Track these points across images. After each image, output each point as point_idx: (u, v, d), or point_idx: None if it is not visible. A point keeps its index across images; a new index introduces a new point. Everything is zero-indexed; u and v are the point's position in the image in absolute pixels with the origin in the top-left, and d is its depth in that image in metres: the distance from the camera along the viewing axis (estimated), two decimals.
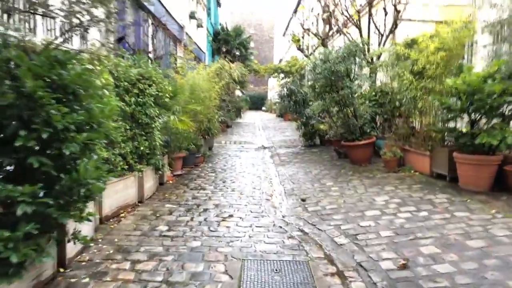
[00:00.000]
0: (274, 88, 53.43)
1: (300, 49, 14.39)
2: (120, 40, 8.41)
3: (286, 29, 51.94)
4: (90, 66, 3.57)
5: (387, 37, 10.67)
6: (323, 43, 12.44)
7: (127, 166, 5.79)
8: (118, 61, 5.78)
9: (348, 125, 8.78)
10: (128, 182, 5.81)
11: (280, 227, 5.11)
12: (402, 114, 8.65)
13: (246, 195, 6.85)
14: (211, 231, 4.94)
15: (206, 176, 8.44)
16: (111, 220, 5.31)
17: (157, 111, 6.41)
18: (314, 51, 15.57)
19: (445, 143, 7.01)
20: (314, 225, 5.13)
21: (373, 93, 9.67)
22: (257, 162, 10.44)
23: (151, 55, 10.59)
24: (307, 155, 11.09)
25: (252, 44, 32.00)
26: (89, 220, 3.35)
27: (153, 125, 6.32)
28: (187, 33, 15.04)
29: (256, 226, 5.13)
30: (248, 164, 10.16)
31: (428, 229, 4.66)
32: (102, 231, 4.87)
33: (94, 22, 3.84)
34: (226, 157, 11.37)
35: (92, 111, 3.04)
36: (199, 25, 19.80)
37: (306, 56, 14.00)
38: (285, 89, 11.74)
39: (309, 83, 9.05)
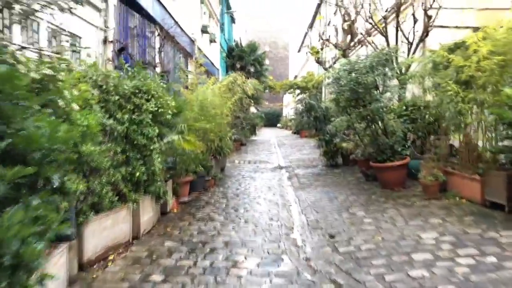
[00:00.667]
0: (289, 105, 52.59)
1: (319, 61, 13.45)
2: (121, 51, 7.58)
3: (301, 44, 51.32)
4: (48, 71, 2.62)
5: (417, 45, 9.62)
6: (344, 54, 11.46)
7: (117, 197, 4.81)
8: (107, 71, 4.87)
9: (378, 144, 7.68)
10: (119, 216, 4.83)
11: (306, 277, 4.01)
12: (441, 131, 7.53)
13: (262, 228, 5.78)
14: (218, 283, 3.88)
15: (216, 203, 7.41)
16: (95, 265, 4.30)
17: (157, 130, 5.45)
18: (334, 63, 14.62)
19: (502, 165, 5.85)
20: (350, 274, 4.02)
21: (404, 107, 8.58)
22: (274, 185, 9.38)
23: (158, 69, 9.77)
24: (330, 176, 9.97)
25: (267, 61, 31.25)
26: None
27: (152, 147, 5.35)
28: (199, 48, 14.28)
29: (275, 276, 4.05)
30: (263, 187, 9.10)
31: (505, 284, 3.51)
32: (80, 283, 3.86)
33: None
34: (239, 179, 10.34)
35: (31, 133, 2.07)
36: (212, 40, 19.10)
37: (325, 69, 13.02)
38: (303, 104, 10.71)
39: (332, 96, 8.01)
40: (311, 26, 36.19)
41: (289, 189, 8.96)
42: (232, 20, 31.37)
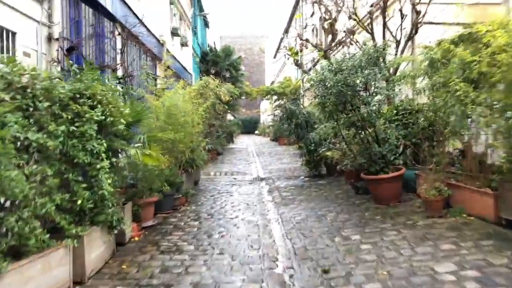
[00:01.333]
0: (266, 111, 51.88)
1: (297, 64, 12.58)
2: (71, 50, 6.43)
3: (277, 50, 50.75)
4: None
5: (405, 44, 8.85)
6: (326, 56, 10.61)
7: (51, 234, 3.69)
8: (35, 70, 3.76)
9: (369, 153, 6.78)
10: (53, 258, 3.70)
11: None
12: (437, 137, 6.71)
13: (240, 260, 4.74)
14: None
15: (186, 227, 6.32)
16: None
17: (105, 145, 4.35)
18: (314, 66, 13.79)
19: None
20: None
21: (394, 112, 7.74)
22: (253, 201, 8.36)
23: (120, 73, 8.63)
24: (314, 189, 9.02)
25: (243, 67, 30.34)
26: None
27: (99, 166, 4.25)
28: (168, 50, 13.20)
29: None
30: (241, 204, 8.07)
31: None
32: None
33: None
34: (215, 194, 9.27)
35: None
36: (184, 44, 18.02)
37: (305, 72, 12.16)
38: (283, 110, 9.76)
39: (316, 100, 7.08)
40: (287, 30, 35.62)
41: (270, 205, 7.97)
42: (206, 24, 30.33)
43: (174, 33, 15.55)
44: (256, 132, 52.89)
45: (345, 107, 6.90)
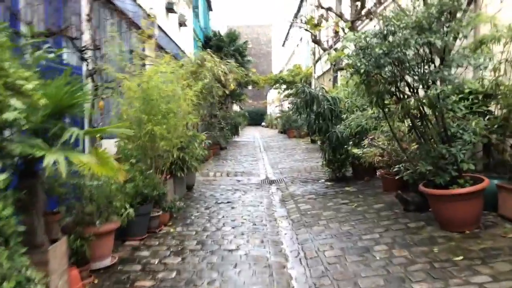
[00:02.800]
0: (274, 102, 49.58)
1: (315, 40, 10.31)
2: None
3: (286, 38, 48.33)
4: None
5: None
6: (352, 27, 8.36)
7: None
8: None
9: (435, 156, 4.54)
10: None
11: None
12: None
13: None
14: None
15: (161, 269, 4.16)
16: None
17: None
18: (334, 43, 11.55)
19: None
20: None
21: (460, 96, 5.45)
22: (261, 217, 6.21)
23: (84, 43, 6.47)
24: (343, 199, 6.80)
25: (249, 47, 28.00)
26: None
27: None
28: (160, 27, 11.03)
29: None
30: (246, 222, 5.92)
31: None
32: None
33: None
34: (212, 205, 7.11)
35: None
36: (182, 23, 15.78)
37: (324, 49, 9.88)
38: (301, 95, 7.51)
39: (354, 78, 4.83)
40: (296, 15, 33.09)
41: (285, 224, 5.86)
42: (209, 7, 28.03)
43: (170, 8, 13.31)
44: (263, 123, 50.74)
45: (398, 88, 4.66)
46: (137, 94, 5.82)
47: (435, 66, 4.52)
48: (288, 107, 29.84)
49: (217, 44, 23.38)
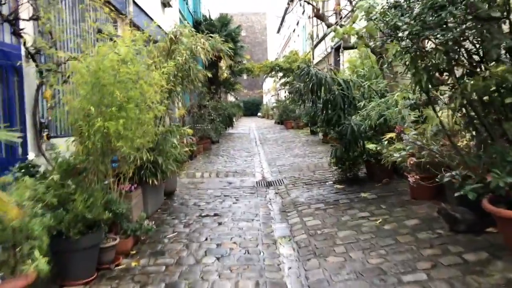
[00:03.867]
0: (269, 92, 47.89)
1: (318, 15, 8.71)
2: None
3: (281, 24, 46.50)
4: None
5: None
6: None
7: None
8: None
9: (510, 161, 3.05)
10: None
11: None
12: None
13: None
14: None
15: None
16: None
17: None
18: (340, 18, 10.01)
19: None
20: None
21: None
22: (256, 242, 4.70)
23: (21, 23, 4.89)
24: (362, 211, 5.28)
25: (243, 36, 26.28)
26: None
27: None
28: (136, 3, 9.40)
29: None
30: (235, 250, 4.40)
31: None
32: None
33: None
34: (193, 221, 5.58)
35: None
36: (166, 4, 14.13)
37: (328, 25, 8.30)
38: (305, 79, 5.93)
39: (389, 48, 3.28)
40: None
41: (288, 251, 4.35)
42: None
43: None
44: (259, 114, 49.19)
45: (460, 59, 3.13)
46: (85, 78, 4.26)
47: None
48: (286, 96, 28.00)
49: (208, 29, 21.51)
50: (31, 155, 4.36)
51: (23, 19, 4.73)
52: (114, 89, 4.17)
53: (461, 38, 2.83)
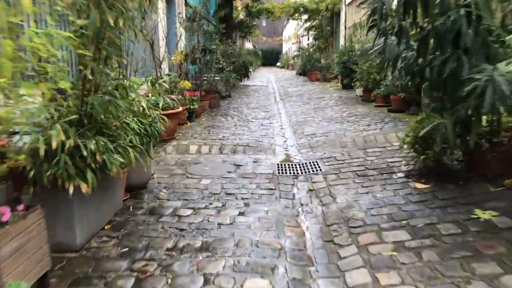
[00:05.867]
0: (291, 39, 43.70)
1: None
2: None
3: None
4: None
5: None
6: None
7: None
8: None
9: None
10: None
11: None
12: None
13: None
14: None
15: None
16: None
17: None
18: None
19: None
20: None
21: None
22: None
23: None
24: (493, 259, 2.52)
25: None
26: None
27: None
28: None
29: None
30: None
31: None
32: None
33: None
34: (155, 266, 2.89)
35: None
36: None
37: None
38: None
39: None
40: None
41: None
42: None
43: None
44: (278, 64, 45.54)
45: None
46: None
47: None
48: (310, 43, 23.31)
49: None
50: None
51: None
52: None
53: None
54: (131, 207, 3.93)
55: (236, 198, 4.19)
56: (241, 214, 3.75)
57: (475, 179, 3.94)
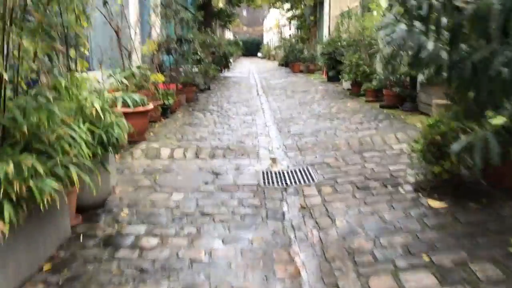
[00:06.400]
0: (272, 29, 42.69)
1: None
2: None
3: None
4: None
5: None
6: None
7: None
8: None
9: None
10: None
11: None
12: None
13: None
14: None
15: None
16: None
17: None
18: None
19: None
20: None
21: None
22: None
23: None
24: None
25: None
26: None
27: None
28: None
29: None
30: None
31: None
32: None
33: None
34: None
35: None
36: None
37: None
38: None
39: None
40: None
41: None
42: None
43: None
44: (259, 54, 44.69)
45: None
46: None
47: None
48: (292, 34, 21.97)
49: None
50: None
51: None
52: None
53: None
54: (81, 236, 3.13)
55: (213, 220, 3.44)
56: (218, 247, 3.00)
57: (500, 196, 3.30)
